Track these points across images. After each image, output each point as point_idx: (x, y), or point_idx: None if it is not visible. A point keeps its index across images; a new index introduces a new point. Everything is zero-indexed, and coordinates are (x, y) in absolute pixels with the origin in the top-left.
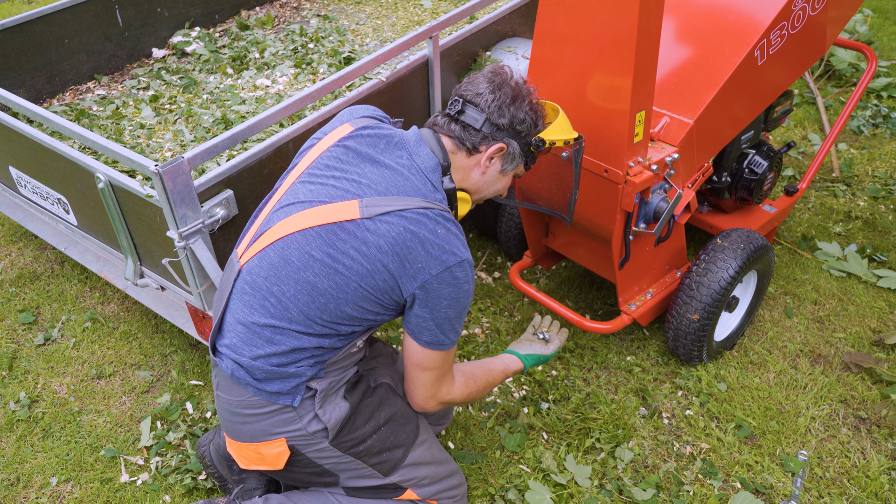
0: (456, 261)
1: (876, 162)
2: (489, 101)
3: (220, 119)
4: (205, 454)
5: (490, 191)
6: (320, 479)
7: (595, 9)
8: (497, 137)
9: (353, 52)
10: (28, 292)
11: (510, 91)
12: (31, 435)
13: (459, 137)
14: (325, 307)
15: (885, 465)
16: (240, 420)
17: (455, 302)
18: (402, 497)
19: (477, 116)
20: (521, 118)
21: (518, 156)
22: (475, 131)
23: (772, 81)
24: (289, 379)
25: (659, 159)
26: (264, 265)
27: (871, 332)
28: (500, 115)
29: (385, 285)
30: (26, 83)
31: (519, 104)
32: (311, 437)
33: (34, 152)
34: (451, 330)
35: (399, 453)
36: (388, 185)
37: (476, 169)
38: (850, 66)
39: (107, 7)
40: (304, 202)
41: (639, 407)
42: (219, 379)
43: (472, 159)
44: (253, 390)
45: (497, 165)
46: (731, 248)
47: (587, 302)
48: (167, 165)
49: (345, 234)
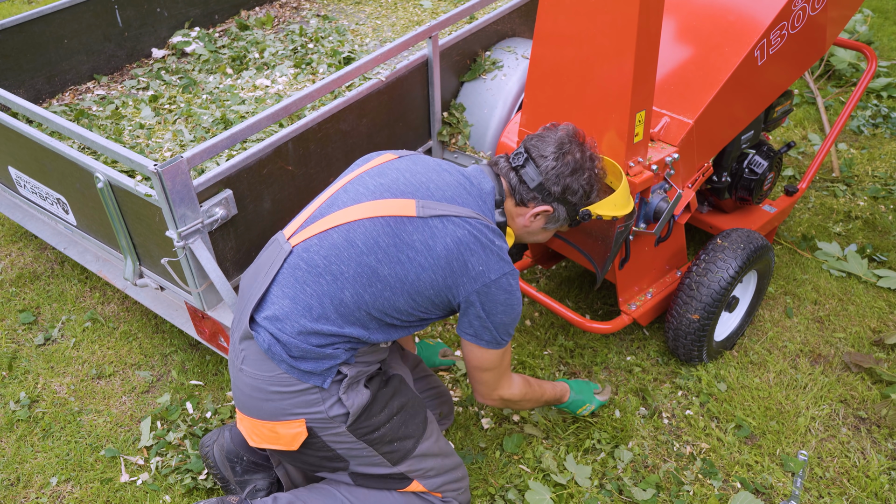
0: (510, 269)
1: (876, 162)
2: (549, 168)
3: (219, 119)
4: (208, 454)
5: (530, 238)
6: (330, 464)
7: (595, 9)
8: (546, 201)
9: (352, 52)
10: (28, 292)
11: (573, 162)
12: (31, 435)
13: (513, 187)
14: (379, 294)
15: (885, 465)
16: (262, 397)
17: (509, 307)
18: (408, 489)
19: (534, 176)
20: (574, 189)
21: (563, 219)
22: (528, 189)
23: (772, 81)
24: (324, 360)
25: (659, 159)
26: (325, 245)
27: (871, 332)
28: (555, 182)
29: (444, 283)
30: (26, 83)
31: (577, 176)
32: (330, 420)
33: (33, 152)
34: (505, 332)
35: (409, 444)
36: (451, 194)
37: (520, 218)
38: (850, 66)
39: (106, 7)
40: (367, 194)
41: (639, 407)
42: (246, 353)
43: (518, 209)
44: (286, 367)
45: (540, 223)
46: (731, 248)
47: (587, 302)
48: (166, 165)
49: (412, 227)
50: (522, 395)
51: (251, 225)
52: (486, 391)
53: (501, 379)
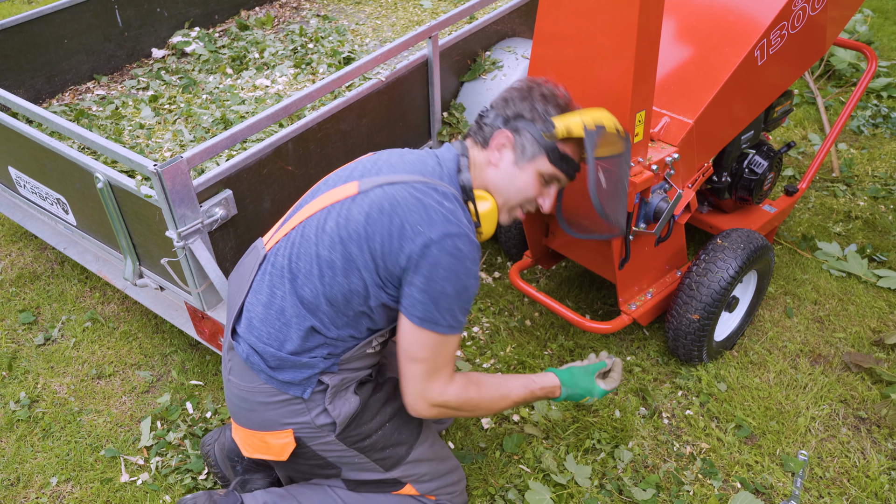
0: (460, 231)
1: (876, 162)
2: (500, 99)
3: (219, 119)
4: (209, 453)
5: (513, 190)
6: (322, 471)
7: (595, 9)
8: (502, 126)
9: (352, 52)
10: (28, 292)
11: (525, 85)
12: (31, 435)
13: (475, 133)
14: (333, 282)
15: (885, 465)
16: (248, 407)
17: (454, 276)
18: (402, 491)
19: (489, 114)
20: (527, 108)
21: (531, 144)
22: (487, 126)
23: (772, 81)
24: (302, 369)
25: (659, 159)
26: (287, 244)
27: (871, 332)
28: (505, 106)
29: (386, 249)
30: (26, 83)
31: (529, 94)
32: (318, 430)
33: (33, 152)
34: (447, 310)
35: (402, 450)
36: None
37: (489, 166)
38: (850, 66)
39: (106, 7)
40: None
41: (639, 407)
42: (232, 363)
43: (485, 153)
44: (265, 377)
45: (508, 157)
46: (731, 248)
47: (587, 302)
48: (166, 165)
49: (350, 202)
50: (464, 400)
51: (251, 225)
52: (413, 391)
53: (435, 376)
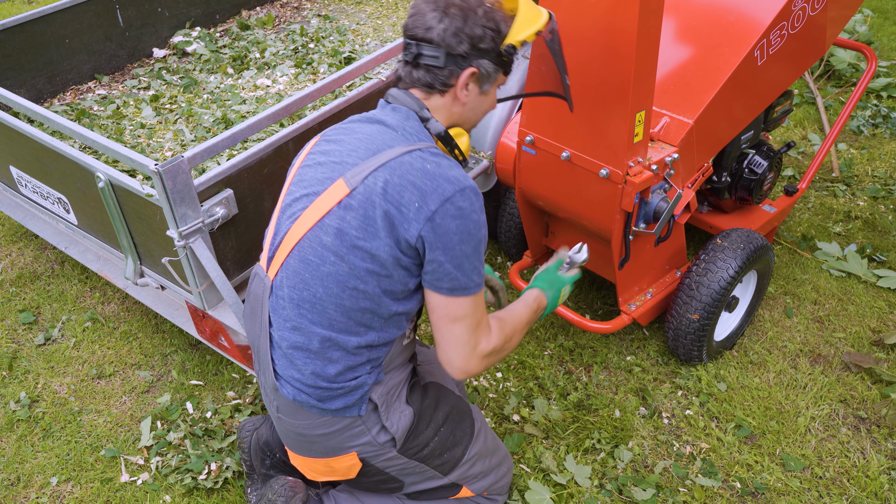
0: (454, 189)
1: (876, 162)
2: (441, 33)
3: (220, 119)
4: (245, 438)
5: (479, 113)
6: (385, 486)
7: (595, 9)
8: (463, 66)
9: (353, 52)
10: (28, 292)
11: (458, 11)
12: (31, 435)
13: (428, 83)
14: (355, 290)
15: (884, 465)
16: (308, 440)
17: (468, 235)
18: (458, 495)
19: (436, 53)
20: (479, 35)
21: (493, 71)
22: (440, 69)
23: (771, 81)
24: (352, 393)
25: (659, 159)
26: (289, 274)
27: (871, 332)
28: (458, 42)
29: (391, 238)
30: (27, 83)
31: (473, 21)
32: (380, 447)
33: (35, 152)
34: (471, 269)
35: (459, 451)
36: (366, 149)
37: (455, 104)
38: (850, 66)
39: (107, 7)
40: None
41: (639, 407)
42: (279, 403)
43: (447, 97)
44: (318, 412)
45: (474, 90)
46: (731, 248)
47: (587, 302)
48: (167, 165)
49: (342, 210)
50: (504, 341)
51: (252, 224)
52: (463, 353)
53: (479, 329)
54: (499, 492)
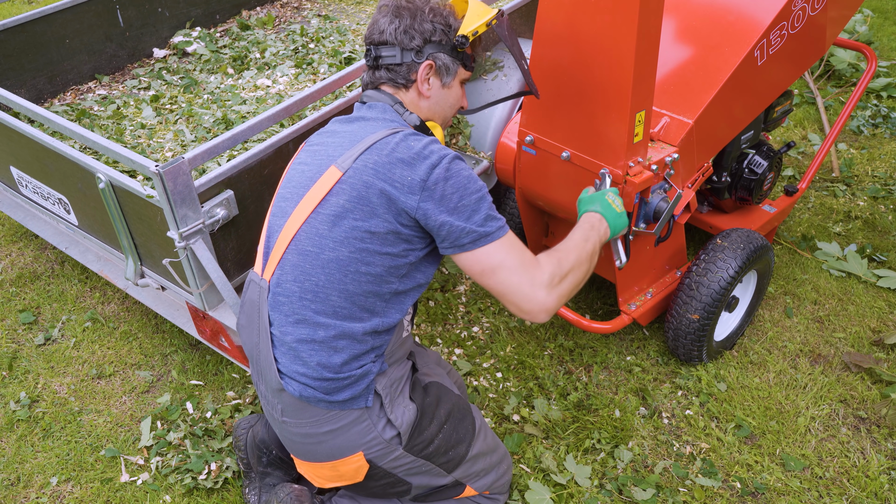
0: (439, 156)
1: (876, 162)
2: (394, 32)
3: (220, 119)
4: (241, 437)
5: (447, 108)
6: (393, 490)
7: (595, 9)
8: (419, 60)
9: (353, 53)
10: (28, 292)
11: (406, 11)
12: (31, 435)
13: (392, 80)
14: (357, 272)
15: (884, 465)
16: (315, 441)
17: (464, 190)
18: (462, 495)
19: (392, 52)
20: (430, 29)
21: (450, 63)
22: (398, 66)
23: (771, 81)
24: (358, 382)
25: (659, 159)
26: (287, 269)
27: (871, 332)
28: (410, 38)
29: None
30: (27, 83)
31: (421, 18)
32: (387, 444)
33: (35, 152)
34: (484, 218)
35: (462, 448)
36: (350, 142)
37: (422, 99)
38: (850, 66)
39: (108, 7)
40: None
41: (639, 407)
42: (282, 405)
43: (412, 92)
44: (325, 405)
45: (436, 83)
46: (731, 248)
47: (587, 302)
48: (168, 166)
49: (334, 196)
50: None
51: (252, 225)
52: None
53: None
54: (500, 490)
